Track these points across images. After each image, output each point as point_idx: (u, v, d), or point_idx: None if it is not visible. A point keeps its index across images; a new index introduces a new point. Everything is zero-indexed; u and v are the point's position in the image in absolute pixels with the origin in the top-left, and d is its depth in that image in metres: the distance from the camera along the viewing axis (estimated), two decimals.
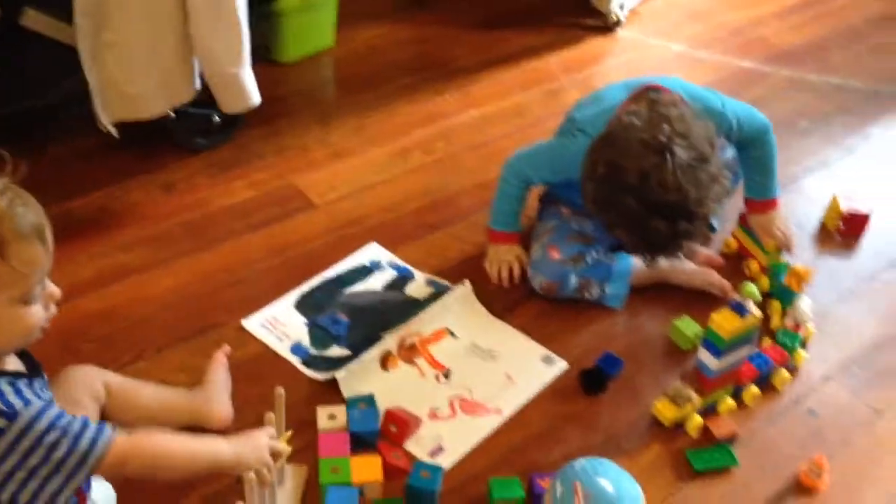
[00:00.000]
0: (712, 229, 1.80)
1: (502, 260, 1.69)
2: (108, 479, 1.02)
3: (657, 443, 1.41)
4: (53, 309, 1.01)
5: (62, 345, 1.07)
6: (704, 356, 1.40)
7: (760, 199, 1.72)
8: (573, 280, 1.62)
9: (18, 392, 0.96)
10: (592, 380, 1.48)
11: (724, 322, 1.36)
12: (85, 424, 0.98)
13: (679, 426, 1.42)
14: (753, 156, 1.69)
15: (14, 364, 1.01)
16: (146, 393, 1.29)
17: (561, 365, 1.53)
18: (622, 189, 1.40)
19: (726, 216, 1.81)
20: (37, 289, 0.97)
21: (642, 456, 1.38)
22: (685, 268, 1.69)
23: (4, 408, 0.93)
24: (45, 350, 1.05)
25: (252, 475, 1.07)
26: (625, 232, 1.47)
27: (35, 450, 0.95)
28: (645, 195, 1.39)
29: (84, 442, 0.96)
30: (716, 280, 1.66)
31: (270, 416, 1.17)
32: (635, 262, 1.66)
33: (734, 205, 1.80)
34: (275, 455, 1.14)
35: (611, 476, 1.19)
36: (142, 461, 1.03)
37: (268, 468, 1.11)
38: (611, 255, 1.65)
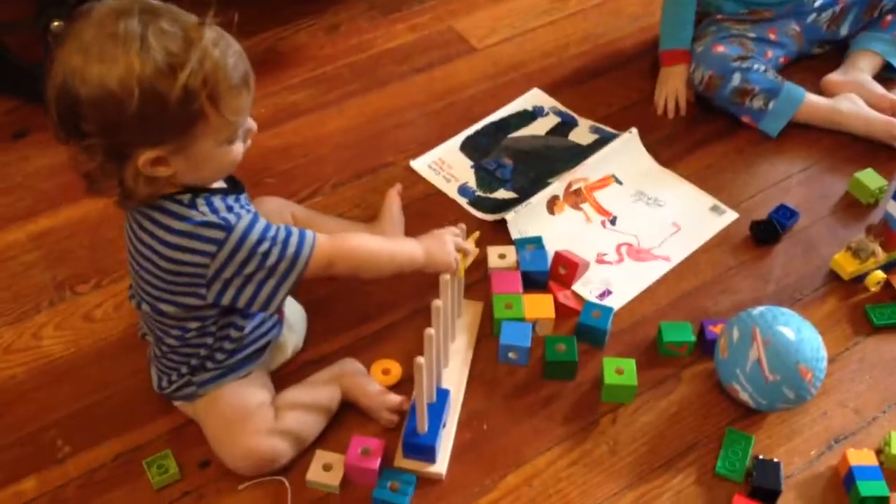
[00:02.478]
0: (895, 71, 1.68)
1: (670, 87, 1.65)
2: (317, 278, 1.10)
3: (833, 296, 1.36)
4: (249, 141, 1.05)
5: (248, 178, 1.12)
6: (894, 209, 1.33)
7: None
8: (736, 78, 1.59)
9: (230, 208, 1.02)
10: (765, 230, 1.44)
11: None
12: (290, 232, 1.04)
13: (857, 280, 1.37)
14: None
15: (219, 183, 1.06)
16: (329, 224, 1.33)
17: (730, 215, 1.49)
18: None
19: None
20: (240, 130, 1.01)
21: (817, 308, 1.35)
22: (867, 115, 1.58)
23: (220, 221, 1.00)
24: None
25: (447, 276, 1.14)
26: None
27: (250, 259, 1.01)
28: None
29: (291, 248, 1.03)
30: None
31: (462, 226, 1.26)
32: (810, 95, 1.58)
33: None
34: (462, 252, 1.22)
35: (792, 324, 1.17)
36: (347, 261, 1.11)
37: (456, 262, 1.20)
38: (779, 76, 1.61)
